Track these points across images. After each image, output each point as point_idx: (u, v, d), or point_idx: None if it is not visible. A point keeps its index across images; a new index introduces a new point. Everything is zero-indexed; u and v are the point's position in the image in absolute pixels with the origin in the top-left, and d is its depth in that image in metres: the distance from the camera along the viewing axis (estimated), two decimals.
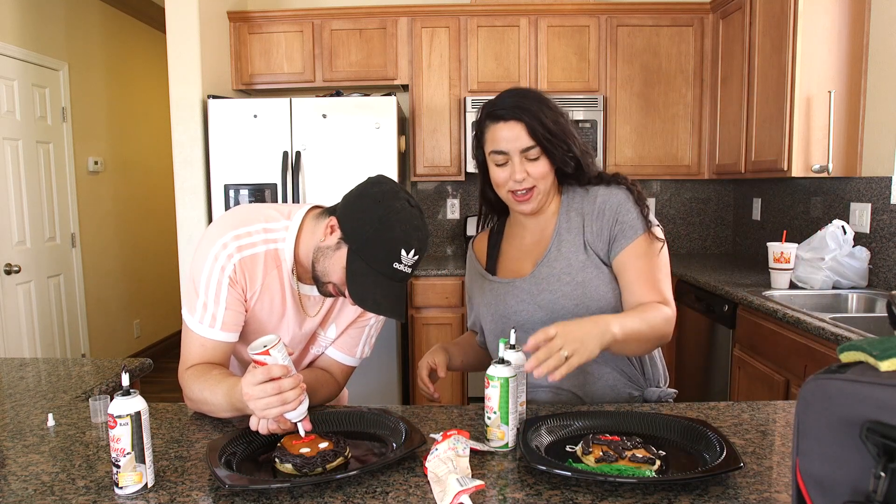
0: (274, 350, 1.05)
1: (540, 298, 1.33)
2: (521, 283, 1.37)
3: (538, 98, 1.31)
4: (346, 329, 1.40)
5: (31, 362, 1.75)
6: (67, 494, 0.95)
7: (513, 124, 1.28)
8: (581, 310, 1.30)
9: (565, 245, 1.36)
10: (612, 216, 1.33)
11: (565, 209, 1.39)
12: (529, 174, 1.30)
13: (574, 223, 1.37)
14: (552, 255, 1.36)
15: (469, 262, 1.55)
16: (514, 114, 1.28)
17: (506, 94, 1.32)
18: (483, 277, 1.46)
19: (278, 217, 1.28)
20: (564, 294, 1.32)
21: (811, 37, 2.67)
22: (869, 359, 0.62)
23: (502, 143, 1.29)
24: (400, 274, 1.17)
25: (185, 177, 3.33)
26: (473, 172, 3.67)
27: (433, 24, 3.61)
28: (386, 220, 1.15)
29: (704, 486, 0.96)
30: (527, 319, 1.35)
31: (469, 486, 0.90)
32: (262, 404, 1.03)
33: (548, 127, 1.27)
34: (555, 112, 1.30)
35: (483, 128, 1.34)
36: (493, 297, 1.41)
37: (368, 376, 3.22)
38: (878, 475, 0.56)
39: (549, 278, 1.34)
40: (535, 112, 1.27)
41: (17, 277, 3.59)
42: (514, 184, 1.31)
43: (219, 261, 1.22)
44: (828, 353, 2.00)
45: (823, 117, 2.69)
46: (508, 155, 1.30)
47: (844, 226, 2.61)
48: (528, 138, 1.28)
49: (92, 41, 4.42)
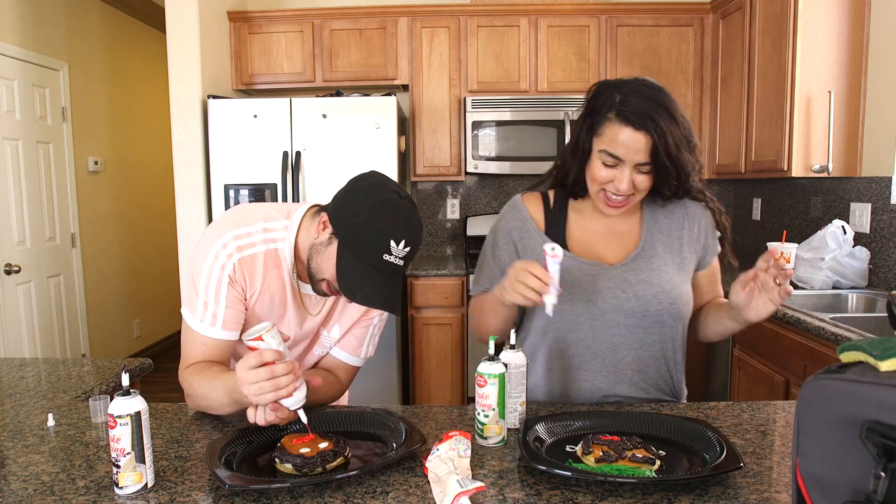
0: (267, 335, 1.05)
1: (638, 289, 1.31)
2: (613, 269, 1.33)
3: (670, 109, 1.21)
4: (349, 329, 1.39)
5: (31, 362, 1.75)
6: (67, 494, 0.95)
7: (640, 136, 1.19)
8: (673, 309, 1.31)
9: (659, 245, 1.35)
10: (705, 232, 1.38)
11: (649, 207, 1.38)
12: (635, 186, 1.25)
13: (662, 225, 1.37)
14: (646, 251, 1.35)
15: (517, 222, 1.40)
16: (645, 124, 1.18)
17: (639, 93, 1.21)
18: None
19: (278, 216, 1.29)
20: (663, 290, 1.31)
21: (811, 37, 2.67)
22: (869, 359, 0.62)
23: (620, 150, 1.21)
24: (391, 266, 1.16)
25: (185, 177, 3.33)
26: (473, 172, 3.68)
27: (433, 24, 3.61)
28: (374, 211, 1.15)
29: (704, 486, 0.96)
30: (615, 307, 1.31)
31: (469, 488, 0.90)
32: (255, 389, 1.03)
33: (670, 150, 1.20)
34: (680, 129, 1.22)
35: (603, 119, 1.23)
36: (569, 272, 1.31)
37: (368, 376, 3.21)
38: (878, 475, 0.56)
39: (647, 271, 1.32)
40: (663, 128, 1.19)
41: (17, 277, 3.59)
42: (614, 189, 1.25)
43: (219, 260, 1.22)
44: (828, 353, 2.00)
45: (823, 117, 2.69)
46: (622, 162, 1.23)
47: (844, 226, 2.61)
48: (647, 155, 1.21)
49: (92, 41, 4.42)
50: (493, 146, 3.59)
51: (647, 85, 1.23)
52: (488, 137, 3.59)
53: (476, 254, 3.87)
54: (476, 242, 3.98)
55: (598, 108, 1.24)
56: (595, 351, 1.33)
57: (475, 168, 3.61)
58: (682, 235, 1.36)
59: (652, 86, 1.23)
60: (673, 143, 1.20)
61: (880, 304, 2.44)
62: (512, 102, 3.56)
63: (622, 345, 1.32)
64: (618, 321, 1.31)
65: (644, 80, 1.25)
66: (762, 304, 1.20)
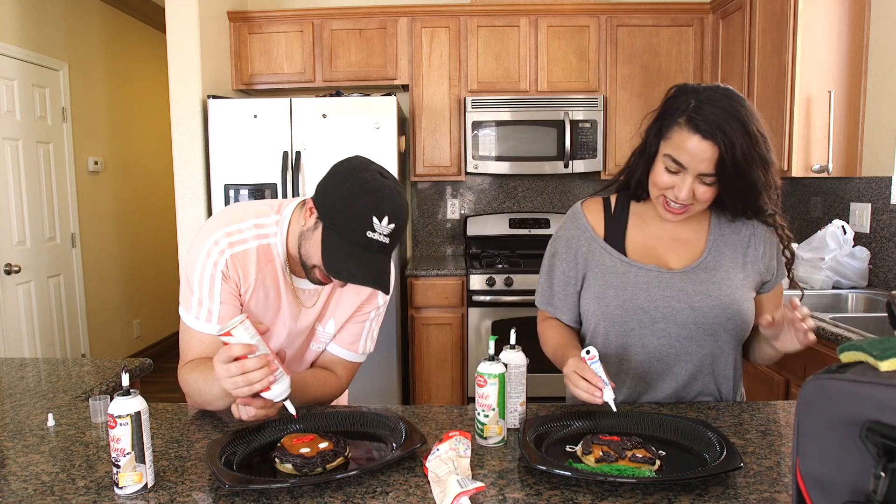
0: (236, 330, 1.04)
1: (695, 300, 1.28)
2: (672, 276, 1.30)
3: (745, 121, 1.15)
4: (345, 324, 1.40)
5: (31, 362, 1.75)
6: (67, 494, 0.95)
7: (707, 145, 1.15)
8: (731, 325, 1.28)
9: (724, 258, 1.31)
10: (769, 255, 1.33)
11: (717, 219, 1.34)
12: (695, 196, 1.21)
13: (728, 239, 1.33)
14: (710, 262, 1.31)
15: (575, 230, 1.39)
16: (714, 134, 1.14)
17: (715, 102, 1.16)
18: (606, 253, 1.35)
19: (269, 212, 1.30)
20: (722, 304, 1.27)
21: (811, 37, 2.67)
22: (869, 359, 0.62)
23: (685, 157, 1.18)
24: (376, 243, 1.16)
25: (185, 177, 3.33)
26: (473, 172, 3.68)
27: (433, 24, 3.61)
28: (354, 190, 1.15)
29: (704, 486, 0.96)
30: (669, 316, 1.29)
31: (469, 488, 0.90)
32: (229, 384, 1.04)
33: (738, 164, 1.15)
34: (754, 145, 1.16)
35: (673, 123, 1.20)
36: (625, 277, 1.31)
37: (368, 376, 3.21)
38: (878, 475, 0.56)
39: (707, 283, 1.29)
40: (733, 141, 1.14)
41: (17, 277, 3.59)
42: (673, 196, 1.23)
43: (211, 256, 1.23)
44: (828, 353, 2.00)
45: (823, 117, 2.69)
46: (685, 169, 1.20)
47: (844, 226, 2.61)
48: (712, 166, 1.17)
49: (92, 41, 4.41)
50: (493, 146, 3.59)
51: (725, 94, 1.18)
52: (488, 137, 3.59)
53: (476, 254, 3.89)
54: (476, 242, 3.98)
55: (671, 111, 1.21)
56: (641, 359, 1.31)
57: (475, 168, 3.61)
58: (746, 253, 1.32)
59: (731, 95, 1.18)
60: (742, 157, 1.15)
61: (880, 304, 2.44)
62: (512, 102, 3.56)
63: (671, 355, 1.31)
64: (668, 331, 1.29)
65: (725, 88, 1.21)
66: (788, 340, 1.18)
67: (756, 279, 1.33)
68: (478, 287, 3.39)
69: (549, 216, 3.94)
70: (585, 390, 1.12)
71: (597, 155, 3.57)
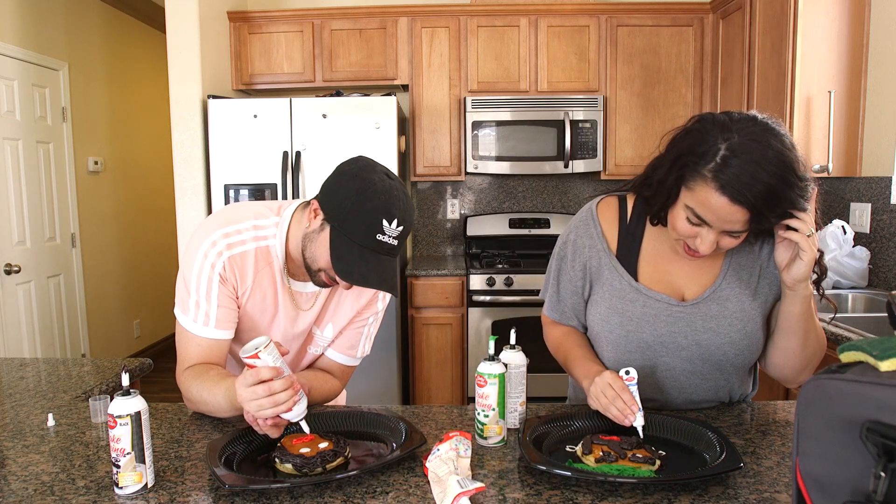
0: (264, 353, 1.04)
1: (703, 337, 1.21)
2: (681, 310, 1.22)
3: (782, 169, 1.01)
4: (343, 330, 1.39)
5: (31, 362, 1.75)
6: (67, 494, 0.95)
7: (736, 209, 1.03)
8: (738, 360, 1.23)
9: (740, 282, 1.23)
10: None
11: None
12: (719, 246, 1.12)
13: (745, 260, 1.24)
14: (723, 291, 1.22)
15: (588, 240, 1.30)
16: (744, 198, 1.01)
17: (746, 152, 1.01)
18: (616, 273, 1.27)
19: (268, 214, 1.28)
20: (731, 341, 1.21)
21: (811, 37, 2.67)
22: (869, 359, 0.62)
23: (710, 216, 1.06)
24: (385, 246, 1.15)
25: (185, 177, 3.33)
26: (473, 172, 3.68)
27: (433, 24, 3.61)
28: (363, 191, 1.14)
29: (704, 486, 0.96)
30: (674, 351, 1.23)
31: (470, 488, 0.90)
32: (254, 406, 1.03)
33: (771, 221, 1.06)
34: (793, 191, 1.03)
35: (697, 175, 1.05)
36: (632, 305, 1.24)
37: (368, 376, 3.22)
38: (878, 475, 0.56)
39: (717, 318, 1.21)
40: (768, 202, 1.02)
41: (17, 277, 3.59)
42: (694, 246, 1.13)
43: (208, 258, 1.21)
44: (828, 353, 1.99)
45: (823, 117, 2.69)
46: (709, 226, 1.09)
47: (844, 226, 2.61)
48: (743, 226, 1.06)
49: (92, 41, 4.41)
50: (493, 146, 3.59)
51: (757, 139, 1.02)
52: (488, 137, 3.59)
53: (476, 254, 3.89)
54: (476, 242, 3.98)
55: (696, 155, 1.05)
56: (643, 387, 1.25)
57: (475, 168, 3.61)
58: (763, 274, 1.24)
59: (764, 140, 1.01)
60: (779, 213, 1.05)
61: (880, 304, 2.44)
62: (512, 102, 3.56)
63: (674, 388, 1.28)
64: (672, 365, 1.25)
65: (757, 125, 1.04)
66: (795, 265, 1.10)
67: (771, 298, 1.25)
68: (478, 287, 3.39)
69: (549, 216, 3.94)
70: (621, 410, 1.09)
71: (597, 155, 3.57)
